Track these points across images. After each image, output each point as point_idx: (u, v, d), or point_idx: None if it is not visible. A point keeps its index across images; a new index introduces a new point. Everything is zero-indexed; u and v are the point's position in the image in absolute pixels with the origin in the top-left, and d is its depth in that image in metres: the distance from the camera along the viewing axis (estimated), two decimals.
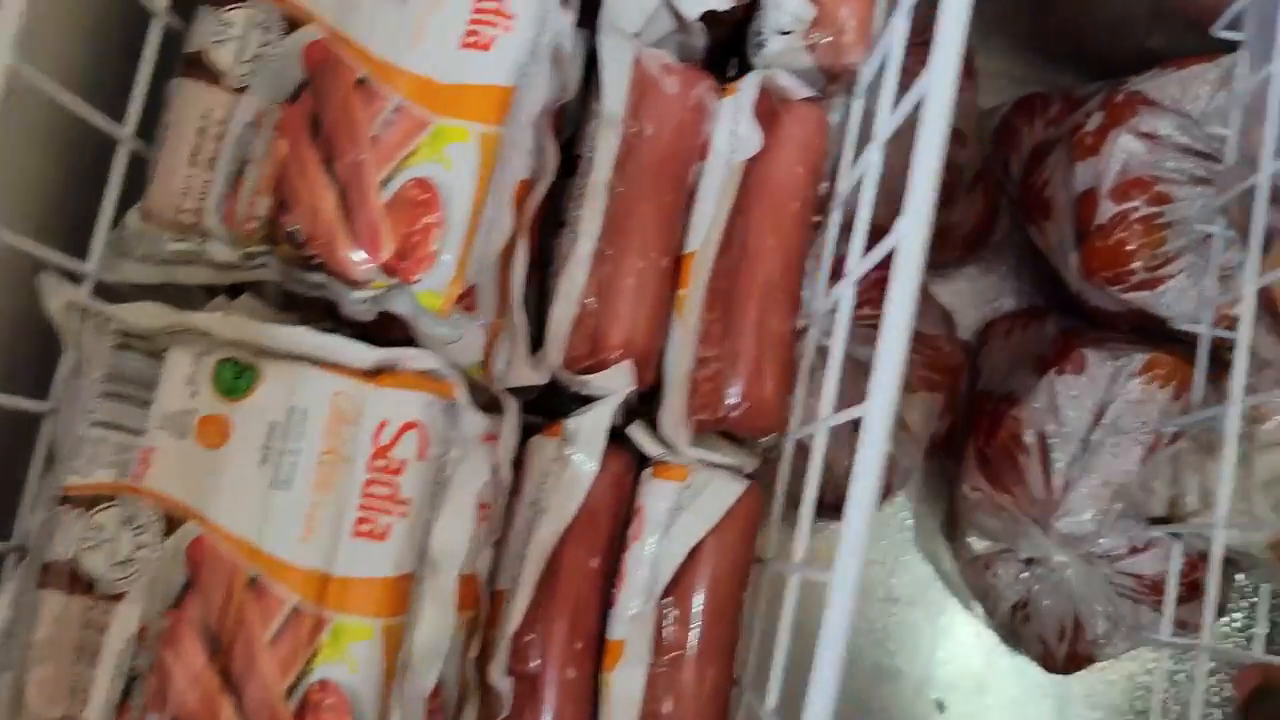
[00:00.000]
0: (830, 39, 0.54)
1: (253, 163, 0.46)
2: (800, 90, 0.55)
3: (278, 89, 0.47)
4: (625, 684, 0.49)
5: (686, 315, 0.52)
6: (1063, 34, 0.94)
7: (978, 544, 0.87)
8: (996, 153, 0.96)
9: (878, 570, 0.93)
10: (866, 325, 0.82)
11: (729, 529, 0.50)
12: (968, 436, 0.88)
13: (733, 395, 0.52)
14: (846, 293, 0.49)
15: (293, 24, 0.47)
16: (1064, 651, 0.86)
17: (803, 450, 0.53)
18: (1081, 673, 0.87)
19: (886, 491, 0.83)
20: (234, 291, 0.50)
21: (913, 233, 0.39)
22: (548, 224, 0.54)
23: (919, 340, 0.82)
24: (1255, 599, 0.91)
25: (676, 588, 0.50)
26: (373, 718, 0.43)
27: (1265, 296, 0.55)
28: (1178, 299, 0.80)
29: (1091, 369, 0.84)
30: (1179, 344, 0.79)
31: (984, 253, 0.96)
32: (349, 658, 0.43)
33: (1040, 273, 0.95)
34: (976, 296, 0.96)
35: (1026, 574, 0.85)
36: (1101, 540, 0.80)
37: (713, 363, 0.52)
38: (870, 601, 0.92)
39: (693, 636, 0.50)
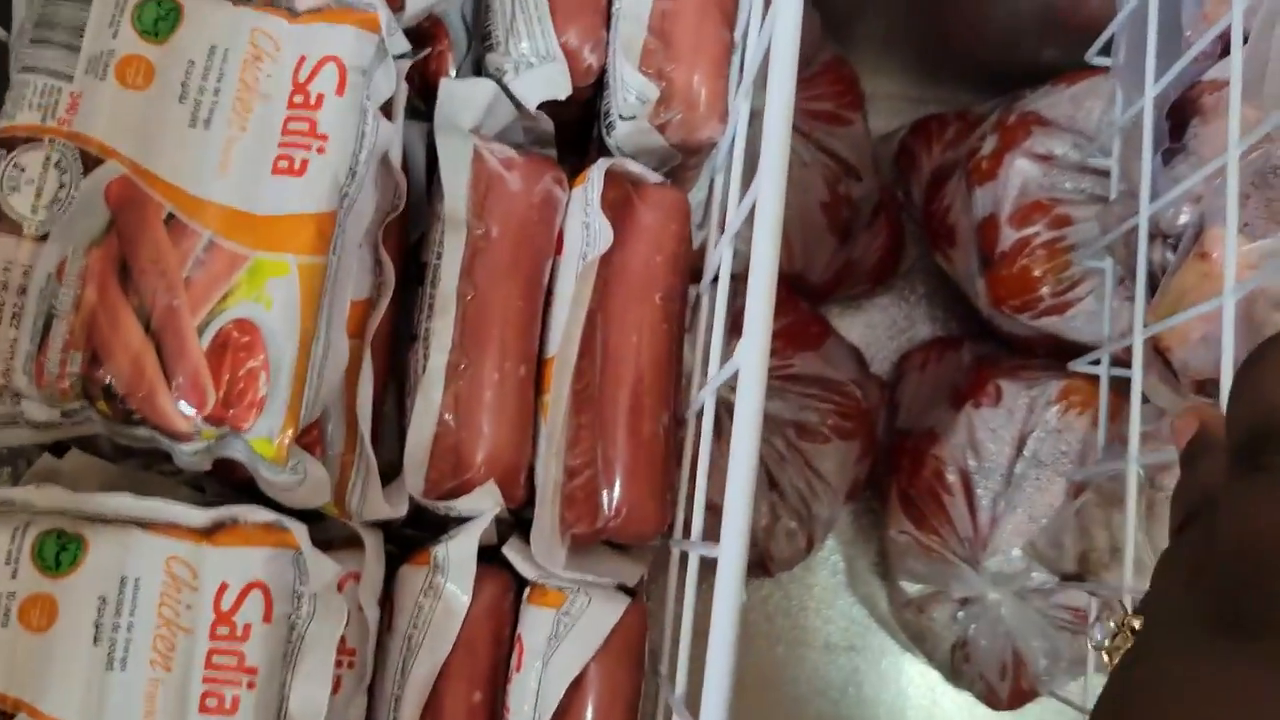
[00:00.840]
0: (681, 115, 0.52)
1: (60, 316, 0.43)
2: (650, 175, 0.52)
3: (81, 233, 0.43)
4: None
5: (552, 424, 0.49)
6: (956, 51, 0.92)
7: (910, 588, 0.84)
8: (898, 179, 0.93)
9: (813, 619, 0.90)
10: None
11: (611, 654, 0.47)
12: (890, 477, 0.86)
13: (609, 504, 0.49)
14: (708, 400, 0.46)
15: (91, 162, 0.43)
16: (1007, 689, 0.84)
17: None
18: (1031, 704, 0.85)
19: (808, 544, 0.80)
20: (59, 449, 0.46)
21: (752, 359, 0.36)
22: (400, 339, 0.51)
23: (828, 388, 0.79)
24: None
25: (564, 718, 0.47)
26: None
27: (1155, 344, 0.53)
28: (1088, 322, 0.79)
29: (1008, 400, 0.82)
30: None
31: (894, 281, 0.94)
32: None
33: (953, 298, 0.93)
34: (891, 327, 0.94)
35: (962, 614, 0.83)
36: (1034, 575, 0.78)
37: (585, 471, 0.49)
38: (809, 651, 0.90)
39: None
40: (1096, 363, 0.67)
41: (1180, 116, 0.57)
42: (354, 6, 0.45)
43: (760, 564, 0.81)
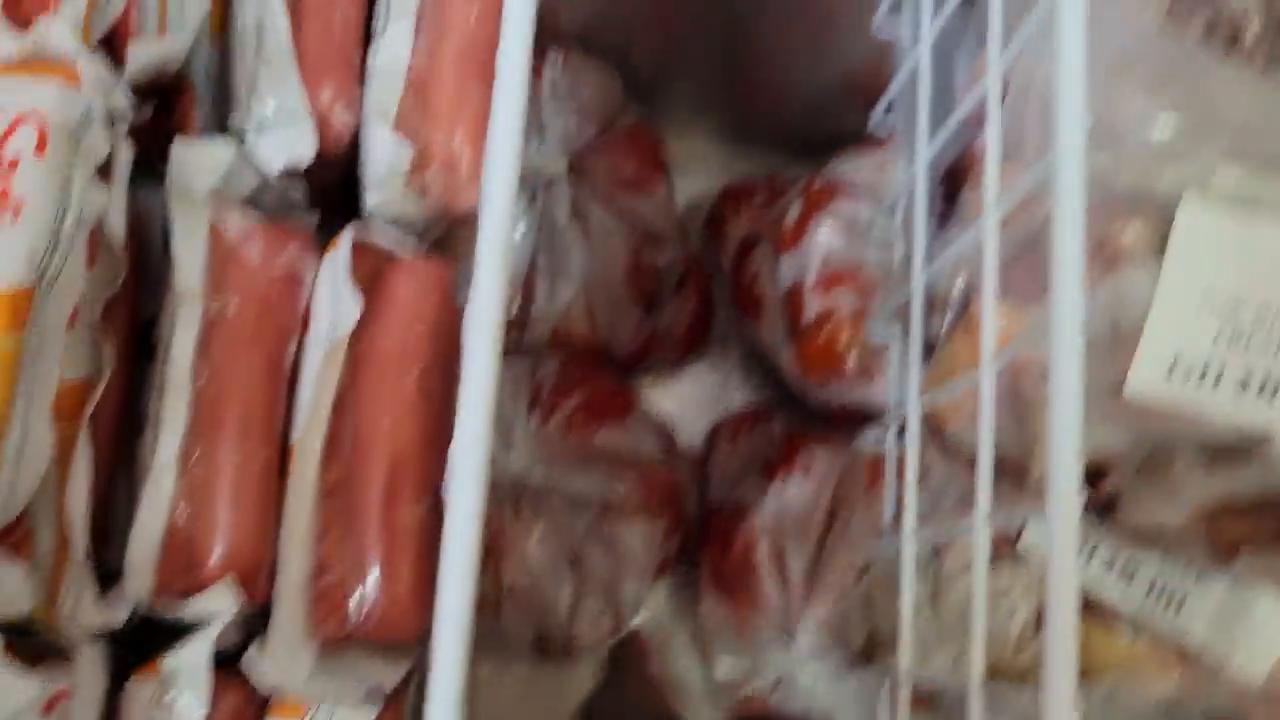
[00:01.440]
0: (441, 179, 0.49)
1: None
2: (405, 246, 0.49)
3: None
4: None
5: (294, 518, 0.45)
6: (764, 116, 0.91)
7: (727, 667, 0.82)
8: (707, 245, 0.92)
9: None
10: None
11: None
12: (701, 553, 0.83)
13: (360, 603, 0.45)
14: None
15: None
16: None
17: None
18: None
19: (616, 625, 0.77)
20: None
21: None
22: (132, 425, 0.46)
23: (631, 467, 0.77)
24: None
25: None
26: None
27: (931, 419, 0.52)
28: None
29: (818, 471, 0.81)
30: None
31: (705, 350, 0.93)
32: None
33: (766, 368, 0.92)
34: (704, 397, 0.92)
35: (778, 693, 0.81)
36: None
37: (334, 567, 0.45)
38: None
39: None
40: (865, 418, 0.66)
41: (954, 183, 0.57)
42: (59, 59, 0.41)
43: (565, 647, 0.78)
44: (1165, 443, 0.47)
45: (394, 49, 0.49)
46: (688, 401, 0.91)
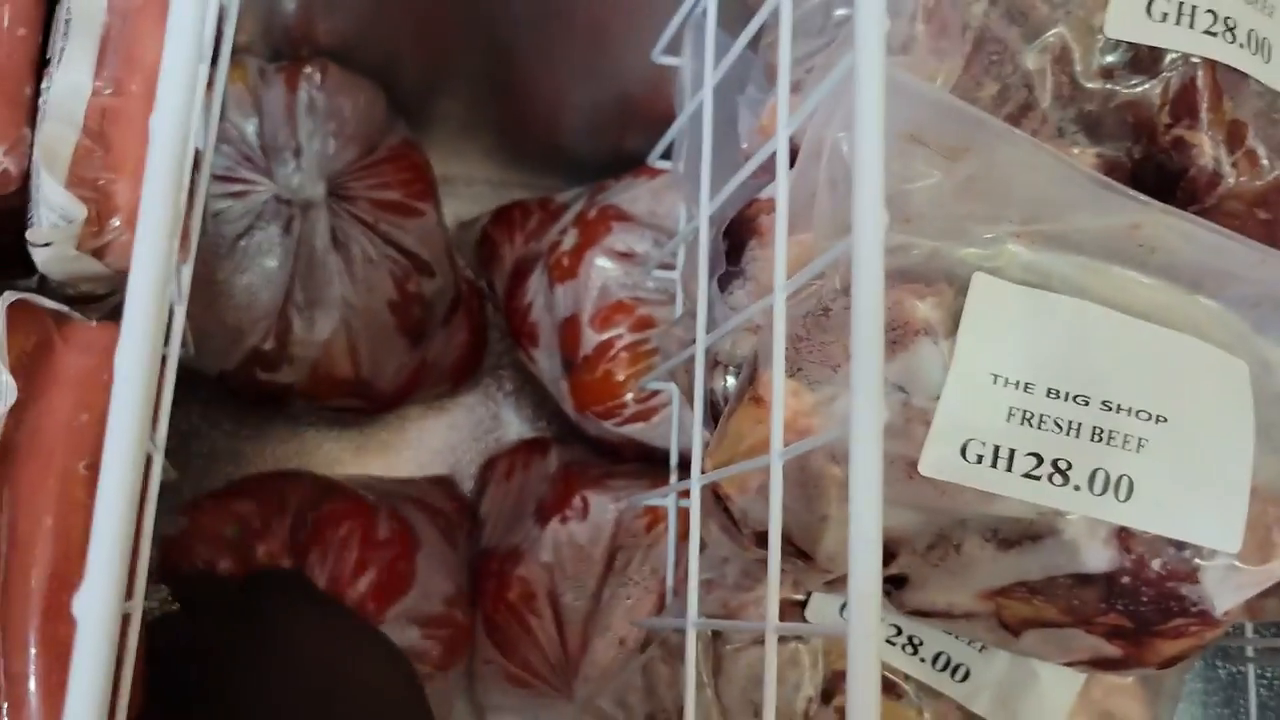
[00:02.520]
0: (126, 235, 0.41)
1: None
2: (73, 314, 0.41)
3: None
4: None
5: None
6: (538, 136, 0.86)
7: None
8: (481, 269, 0.86)
9: None
10: None
11: None
12: (475, 601, 0.78)
13: None
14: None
15: None
16: None
17: None
18: None
19: None
20: None
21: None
22: None
23: None
24: None
25: None
26: None
27: (715, 491, 0.47)
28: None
29: (595, 514, 0.77)
30: None
31: (478, 378, 0.87)
32: None
33: (543, 395, 0.87)
34: (477, 428, 0.87)
35: None
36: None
37: None
38: None
39: None
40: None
41: (738, 236, 0.52)
42: None
43: None
44: (954, 524, 0.44)
45: (71, 81, 0.41)
46: (457, 433, 0.86)
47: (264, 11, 0.70)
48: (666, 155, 0.61)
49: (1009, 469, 0.42)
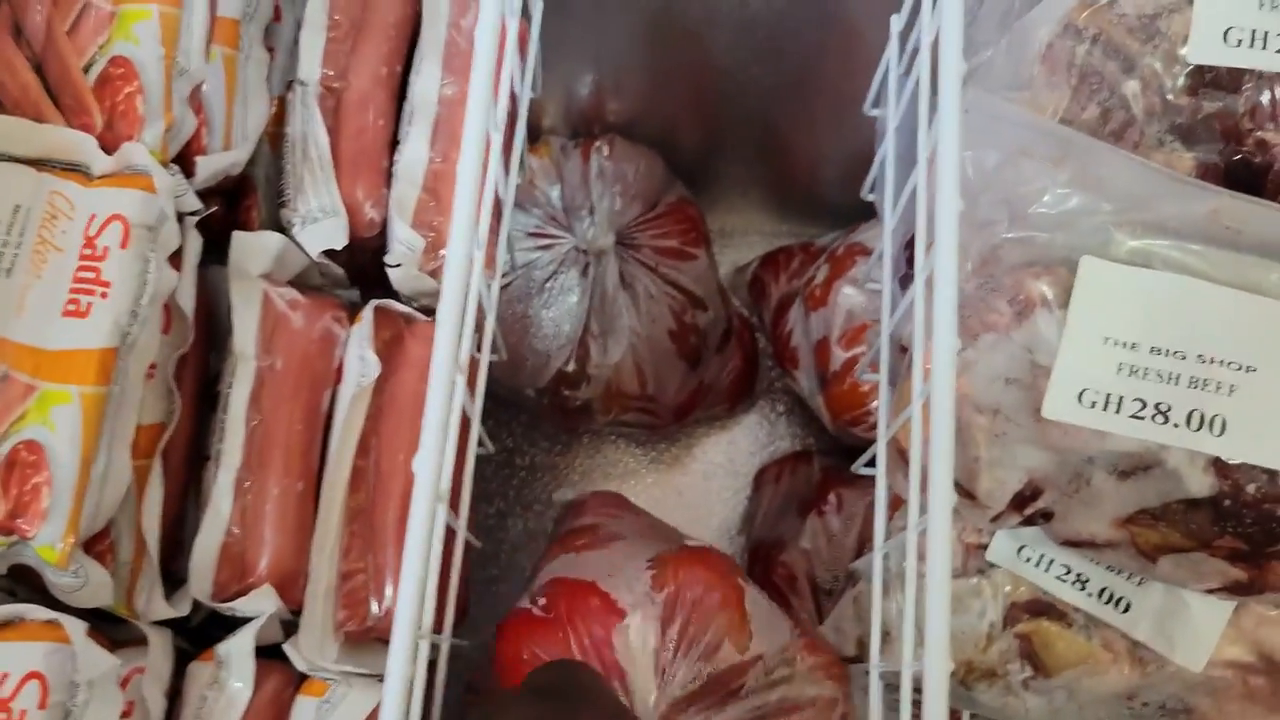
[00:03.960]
0: None
1: None
2: (418, 315, 0.59)
3: None
4: None
5: (323, 535, 0.55)
6: (802, 190, 1.00)
7: None
8: (752, 306, 1.01)
9: None
10: None
11: None
12: None
13: (378, 605, 0.55)
14: None
15: None
16: None
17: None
18: None
19: None
20: None
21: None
22: (196, 460, 0.57)
23: None
24: None
25: None
26: None
27: (897, 445, 0.59)
28: None
29: (848, 507, 0.88)
30: None
31: (752, 401, 1.01)
32: None
33: (808, 415, 0.99)
34: (754, 443, 1.00)
35: None
36: None
37: (358, 575, 0.55)
38: None
39: None
40: (872, 464, 0.73)
41: (914, 248, 0.64)
42: (140, 172, 0.53)
43: None
44: (1083, 462, 0.53)
45: (413, 155, 0.59)
46: (739, 449, 0.99)
47: (564, 99, 0.88)
48: (874, 191, 0.73)
49: (1118, 412, 0.51)
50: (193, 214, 0.56)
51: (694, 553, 0.60)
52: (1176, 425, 0.51)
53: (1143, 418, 0.51)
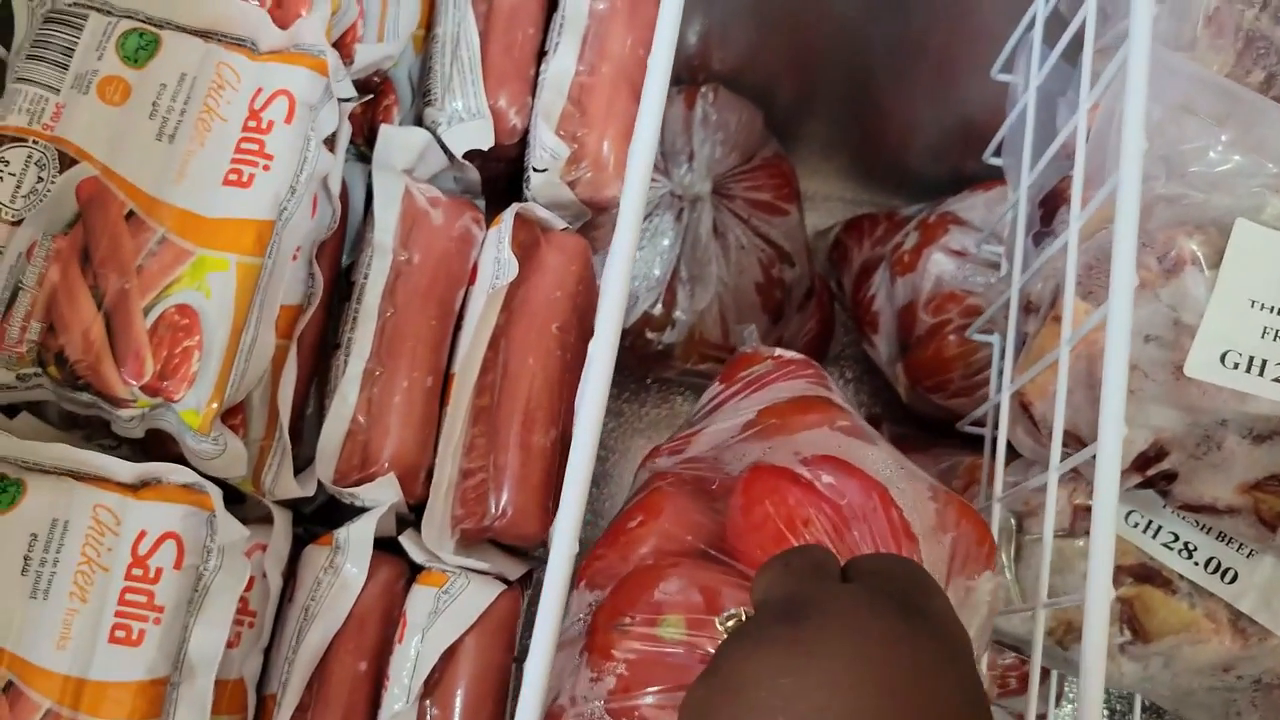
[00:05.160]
0: (590, 174, 0.59)
1: (25, 290, 0.49)
2: (557, 222, 0.59)
3: (52, 221, 0.50)
4: None
5: (450, 431, 0.55)
6: (888, 159, 1.00)
7: None
8: (832, 270, 1.01)
9: None
10: None
11: (484, 631, 0.53)
12: None
13: (496, 505, 0.55)
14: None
15: (68, 162, 0.50)
16: None
17: None
18: None
19: None
20: (12, 411, 0.52)
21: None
22: (327, 347, 0.57)
23: None
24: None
25: (437, 688, 0.52)
26: None
27: (1020, 400, 0.59)
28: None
29: None
30: None
31: (825, 365, 1.01)
32: None
33: (879, 384, 0.99)
34: None
35: None
36: None
37: (477, 474, 0.55)
38: None
39: None
40: (981, 424, 0.73)
41: (1052, 205, 0.64)
42: (308, 52, 0.53)
43: None
44: (1215, 424, 0.54)
45: (561, 65, 0.59)
46: None
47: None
48: (998, 154, 0.73)
49: (1261, 374, 0.51)
50: (346, 100, 0.55)
51: (970, 506, 0.53)
52: None
53: None
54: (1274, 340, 0.52)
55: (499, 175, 0.63)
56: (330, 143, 0.54)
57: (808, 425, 0.55)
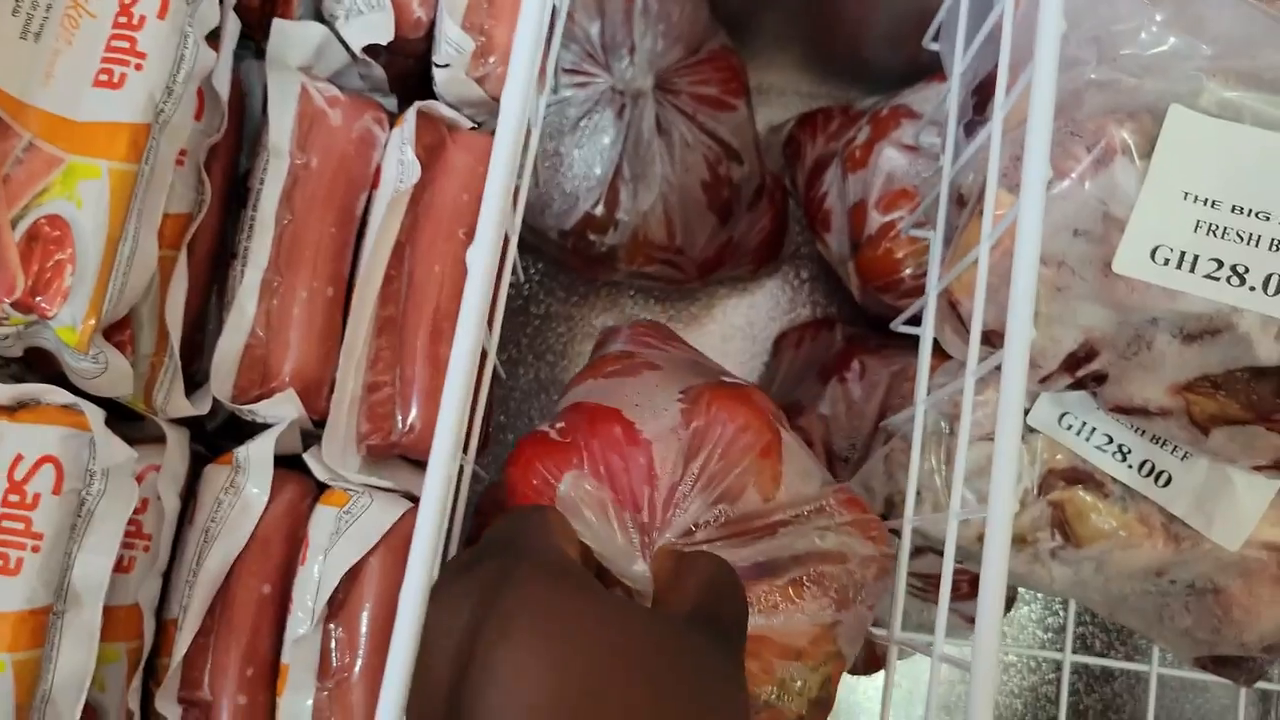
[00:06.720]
0: (500, 68, 0.56)
1: None
2: (463, 121, 0.56)
3: None
4: (292, 708, 0.50)
5: (351, 343, 0.53)
6: (843, 50, 0.96)
7: None
8: (786, 168, 0.98)
9: None
10: None
11: (389, 550, 0.51)
12: None
13: (403, 420, 0.53)
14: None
15: None
16: (862, 655, 0.88)
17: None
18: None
19: None
20: None
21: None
22: (225, 257, 0.55)
23: None
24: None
25: (341, 610, 0.51)
26: None
27: (949, 298, 0.57)
28: None
29: (870, 375, 0.86)
30: None
31: (777, 265, 0.98)
32: None
33: (834, 284, 0.97)
34: (774, 309, 0.98)
35: None
36: None
37: (384, 388, 0.53)
38: None
39: (359, 657, 0.50)
40: (915, 322, 0.71)
41: (985, 93, 0.61)
42: None
43: None
44: (1146, 323, 0.51)
45: None
46: (756, 312, 0.97)
47: None
48: (937, 40, 0.70)
49: (1192, 270, 0.49)
50: None
51: (733, 389, 0.56)
52: (1253, 288, 0.49)
53: (1218, 278, 0.49)
54: (1207, 235, 0.49)
55: (409, 72, 0.59)
56: (215, 39, 0.51)
57: (578, 383, 0.58)
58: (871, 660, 0.88)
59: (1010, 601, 0.85)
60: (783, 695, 0.54)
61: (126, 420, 0.52)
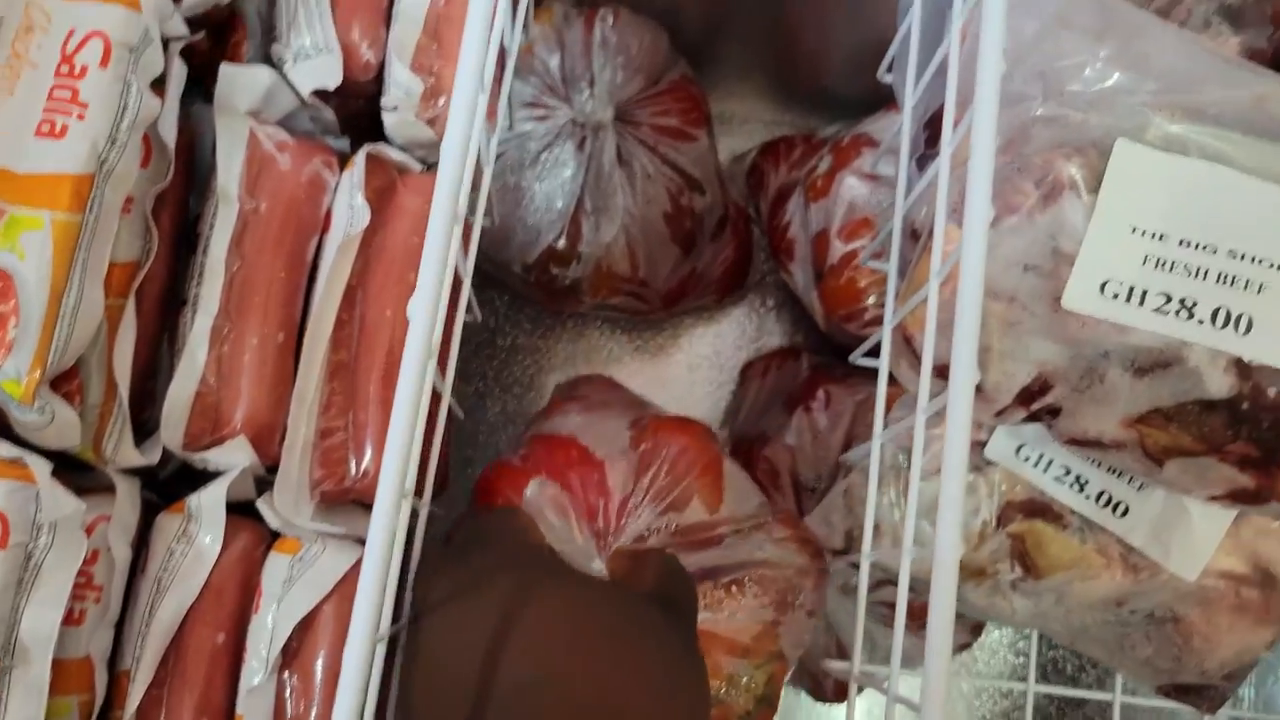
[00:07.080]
0: (449, 110, 0.55)
1: None
2: (413, 164, 0.56)
3: None
4: None
5: (303, 389, 0.52)
6: (806, 78, 0.96)
7: None
8: (749, 197, 0.98)
9: None
10: None
11: (343, 598, 0.50)
12: None
13: (357, 465, 0.53)
14: None
15: None
16: (832, 682, 0.88)
17: None
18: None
19: None
20: None
21: None
22: (172, 305, 0.54)
23: None
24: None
25: (296, 659, 0.50)
26: None
27: (903, 332, 0.57)
28: None
29: (835, 405, 0.86)
30: None
31: (742, 294, 0.98)
32: None
33: (799, 311, 0.97)
34: (741, 337, 0.98)
35: None
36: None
37: (337, 433, 0.53)
38: None
39: (313, 706, 0.50)
40: (876, 354, 0.71)
41: (935, 127, 0.61)
42: None
43: None
44: (1098, 357, 0.51)
45: None
46: (722, 341, 0.97)
47: None
48: (891, 71, 0.70)
49: (1141, 304, 0.49)
50: (178, 39, 0.52)
51: (676, 418, 0.63)
52: (1201, 322, 0.49)
53: (1166, 312, 0.49)
54: (1155, 268, 0.49)
55: (361, 113, 0.59)
56: (161, 86, 0.51)
57: (538, 421, 0.67)
58: (840, 688, 0.88)
59: (979, 628, 0.85)
60: (731, 691, 0.57)
61: (76, 470, 0.51)
